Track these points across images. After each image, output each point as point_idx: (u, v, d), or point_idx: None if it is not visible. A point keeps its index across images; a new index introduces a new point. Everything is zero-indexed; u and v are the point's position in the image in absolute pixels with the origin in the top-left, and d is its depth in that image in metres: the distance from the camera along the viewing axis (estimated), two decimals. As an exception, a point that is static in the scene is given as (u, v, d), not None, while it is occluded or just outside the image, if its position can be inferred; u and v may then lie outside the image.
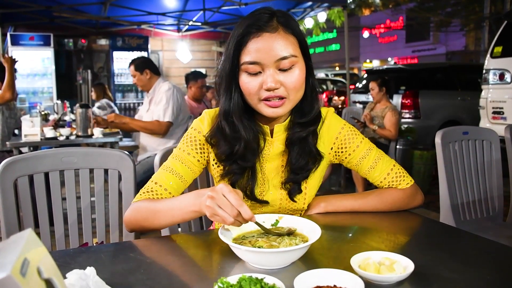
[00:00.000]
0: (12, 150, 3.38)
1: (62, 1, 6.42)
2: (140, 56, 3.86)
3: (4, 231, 1.30)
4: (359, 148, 1.20)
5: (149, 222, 1.08)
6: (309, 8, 7.19)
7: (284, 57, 1.04)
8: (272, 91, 1.05)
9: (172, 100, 3.40)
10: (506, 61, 4.71)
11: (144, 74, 3.50)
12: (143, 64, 3.53)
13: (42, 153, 1.37)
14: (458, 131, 2.03)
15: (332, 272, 0.75)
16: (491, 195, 2.07)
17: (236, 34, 1.06)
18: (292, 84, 1.06)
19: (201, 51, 10.53)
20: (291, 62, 1.05)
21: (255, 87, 1.06)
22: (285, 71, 1.06)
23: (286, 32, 1.06)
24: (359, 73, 18.49)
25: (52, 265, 0.51)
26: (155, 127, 3.40)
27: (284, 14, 1.09)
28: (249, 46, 1.04)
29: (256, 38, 1.04)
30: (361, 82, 7.48)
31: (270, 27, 1.04)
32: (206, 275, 0.84)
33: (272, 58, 1.04)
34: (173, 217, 1.05)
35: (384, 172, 1.21)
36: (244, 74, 1.07)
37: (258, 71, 1.05)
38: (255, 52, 1.04)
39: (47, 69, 8.54)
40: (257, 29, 1.04)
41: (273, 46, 1.03)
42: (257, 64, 1.04)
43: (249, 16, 1.08)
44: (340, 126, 1.21)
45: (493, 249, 0.97)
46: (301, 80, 1.08)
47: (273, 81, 1.04)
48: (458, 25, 16.82)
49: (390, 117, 4.27)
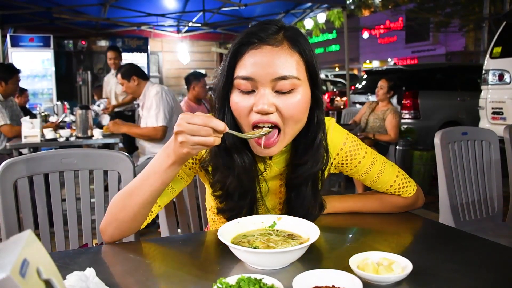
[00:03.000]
0: (12, 152, 3.39)
1: (62, 3, 6.42)
2: (126, 63, 3.87)
3: (4, 232, 1.30)
4: (362, 164, 1.12)
5: (126, 210, 0.95)
6: (308, 9, 7.19)
7: (283, 76, 0.88)
8: (264, 115, 0.89)
9: (162, 104, 3.39)
10: (506, 62, 4.71)
11: (131, 81, 3.50)
12: (129, 71, 3.52)
13: (42, 154, 1.37)
14: (457, 131, 2.03)
15: (330, 272, 0.76)
16: (490, 196, 2.07)
17: (234, 42, 0.92)
18: (289, 110, 0.90)
19: (201, 52, 10.53)
20: (292, 85, 0.89)
21: (246, 109, 0.91)
22: (283, 94, 0.90)
23: (291, 49, 0.91)
24: (359, 74, 18.47)
25: (52, 266, 0.51)
26: (151, 133, 3.41)
27: (295, 30, 0.94)
28: (245, 58, 0.90)
29: (254, 49, 0.90)
30: (361, 83, 7.48)
31: (273, 40, 0.90)
32: (205, 275, 0.84)
33: (268, 76, 0.88)
34: (151, 186, 0.92)
35: (387, 184, 1.15)
36: (236, 92, 0.93)
37: (251, 90, 0.91)
38: (250, 66, 0.89)
39: (47, 71, 8.54)
40: (258, 40, 0.89)
41: (273, 62, 0.88)
42: (250, 80, 0.89)
43: (254, 25, 0.94)
44: (342, 141, 1.10)
45: (493, 249, 0.97)
46: (302, 108, 0.92)
47: (266, 102, 0.88)
48: (458, 25, 16.83)
49: (391, 120, 4.21)
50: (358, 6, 19.69)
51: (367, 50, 23.20)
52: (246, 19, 7.57)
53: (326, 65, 23.90)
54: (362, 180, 1.17)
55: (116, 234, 1.00)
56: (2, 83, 3.63)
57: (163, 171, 0.91)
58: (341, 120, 5.66)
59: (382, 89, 4.32)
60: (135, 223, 0.99)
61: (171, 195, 1.07)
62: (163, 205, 1.07)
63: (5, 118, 3.56)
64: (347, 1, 7.50)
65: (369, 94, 6.64)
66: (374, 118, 4.39)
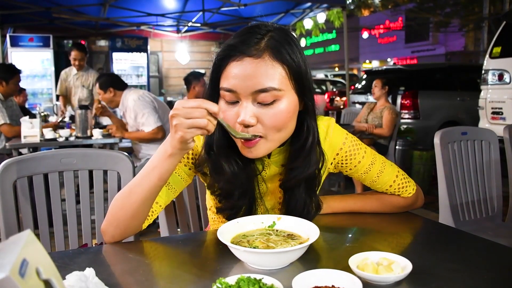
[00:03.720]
0: (12, 152, 3.38)
1: (61, 2, 6.42)
2: (103, 74, 3.91)
3: (4, 232, 1.30)
4: (361, 164, 1.12)
5: (126, 209, 0.96)
6: (308, 9, 7.19)
7: (263, 89, 0.87)
8: (246, 128, 0.90)
9: (144, 108, 3.42)
10: (505, 62, 4.71)
11: (107, 92, 3.51)
12: (106, 82, 3.53)
13: (41, 154, 1.37)
14: (457, 131, 2.03)
15: (330, 272, 0.76)
16: (490, 196, 2.08)
17: (217, 54, 0.93)
18: (270, 121, 0.90)
19: (200, 52, 10.54)
20: (274, 96, 0.89)
21: (232, 118, 0.92)
22: (265, 106, 0.90)
23: (273, 60, 0.89)
24: (359, 74, 18.48)
25: (51, 266, 0.51)
26: (151, 136, 3.45)
27: (281, 37, 0.91)
28: (228, 70, 0.90)
29: (235, 62, 0.89)
30: (360, 83, 7.48)
31: (254, 50, 0.88)
32: (204, 275, 0.84)
33: (249, 89, 0.88)
34: (150, 182, 0.93)
35: (387, 184, 1.15)
36: (222, 101, 0.94)
37: (235, 100, 0.91)
38: (232, 79, 0.89)
39: (47, 70, 8.54)
40: (239, 52, 0.89)
41: (253, 75, 0.87)
42: (233, 92, 0.90)
43: (240, 33, 0.93)
44: (342, 141, 1.10)
45: (492, 249, 0.97)
46: (285, 118, 0.91)
47: (246, 115, 0.89)
48: (457, 25, 16.85)
49: (387, 115, 4.29)
50: (357, 6, 19.69)
51: (367, 50, 23.20)
52: (245, 19, 7.57)
53: (325, 65, 23.92)
54: (362, 180, 1.17)
55: (117, 234, 1.00)
56: (3, 83, 3.64)
57: (160, 165, 0.91)
58: (340, 120, 5.66)
59: (376, 87, 4.43)
60: (135, 222, 0.99)
61: (172, 195, 1.07)
62: (164, 205, 1.07)
63: (5, 118, 3.56)
64: (346, 1, 7.51)
65: (369, 94, 6.64)
66: (373, 117, 4.44)
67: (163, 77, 10.58)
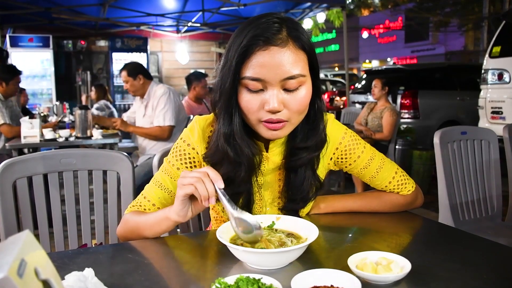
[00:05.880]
0: (11, 152, 3.38)
1: (61, 3, 6.43)
2: (132, 61, 3.84)
3: (3, 232, 1.30)
4: (361, 159, 1.14)
5: (135, 235, 1.06)
6: (308, 8, 7.20)
7: (292, 76, 0.92)
8: (274, 114, 0.94)
9: (169, 104, 3.40)
10: (505, 61, 4.72)
11: (137, 79, 3.47)
12: (136, 69, 3.50)
13: (41, 154, 1.37)
14: (456, 131, 2.03)
15: (329, 272, 0.76)
16: (489, 195, 2.08)
17: (239, 44, 0.92)
18: (296, 107, 0.95)
19: (200, 52, 10.55)
20: (299, 82, 0.93)
21: (256, 106, 0.94)
22: (290, 92, 0.94)
23: (296, 47, 0.93)
24: (359, 74, 18.47)
25: (50, 266, 0.51)
26: (157, 133, 3.42)
27: (295, 25, 0.95)
28: (253, 60, 0.91)
29: (262, 51, 0.91)
30: (360, 83, 7.48)
31: (279, 40, 0.91)
32: (203, 275, 0.84)
33: (278, 77, 0.91)
34: (151, 230, 1.03)
35: (386, 180, 1.16)
36: (244, 90, 0.95)
37: (260, 89, 0.93)
38: (259, 68, 0.91)
39: (46, 71, 8.55)
40: (264, 41, 0.90)
41: (281, 63, 0.91)
42: (260, 81, 0.92)
43: (255, 24, 0.93)
44: (341, 136, 1.13)
45: (492, 249, 0.97)
46: (307, 102, 0.97)
47: (277, 102, 0.92)
48: (457, 25, 16.85)
49: (387, 117, 4.27)
50: (357, 5, 19.71)
51: (367, 49, 23.20)
52: (245, 19, 7.52)
53: (325, 64, 23.90)
54: (361, 176, 1.18)
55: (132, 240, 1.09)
56: (3, 83, 3.64)
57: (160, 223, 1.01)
58: (340, 119, 5.66)
59: (376, 87, 4.43)
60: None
61: (171, 201, 1.07)
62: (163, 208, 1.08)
63: (5, 118, 3.57)
64: (346, 0, 7.51)
65: (369, 94, 6.64)
66: (373, 117, 4.43)
67: (163, 77, 10.58)
